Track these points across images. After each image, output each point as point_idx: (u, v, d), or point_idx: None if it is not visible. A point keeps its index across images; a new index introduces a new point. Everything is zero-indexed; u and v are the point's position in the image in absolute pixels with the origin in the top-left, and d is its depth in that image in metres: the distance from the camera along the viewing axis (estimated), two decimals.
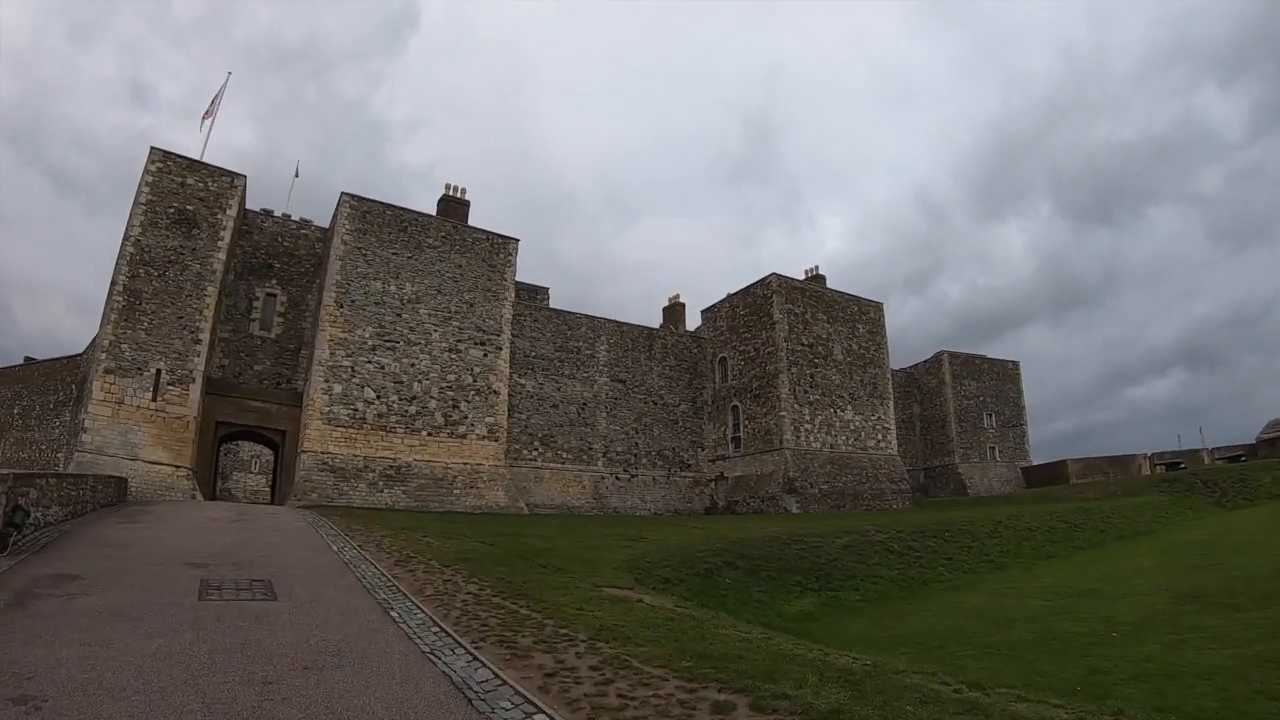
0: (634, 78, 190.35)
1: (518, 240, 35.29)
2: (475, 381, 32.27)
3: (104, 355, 25.83)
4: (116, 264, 27.06)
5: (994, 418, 66.71)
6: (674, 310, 48.59)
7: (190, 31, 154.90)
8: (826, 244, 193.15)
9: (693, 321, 48.42)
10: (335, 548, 12.61)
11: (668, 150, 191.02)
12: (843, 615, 17.72)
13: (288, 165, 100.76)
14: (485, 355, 32.84)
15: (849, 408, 43.80)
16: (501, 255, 34.56)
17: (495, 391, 32.73)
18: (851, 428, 43.56)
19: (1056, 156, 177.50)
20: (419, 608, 8.06)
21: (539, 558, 13.32)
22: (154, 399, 26.20)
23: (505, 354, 33.52)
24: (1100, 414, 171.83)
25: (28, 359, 47.18)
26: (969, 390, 65.73)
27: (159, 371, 26.55)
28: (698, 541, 19.93)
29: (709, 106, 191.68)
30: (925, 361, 67.66)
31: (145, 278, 27.17)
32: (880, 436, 45.06)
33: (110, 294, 26.66)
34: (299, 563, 10.77)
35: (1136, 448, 79.52)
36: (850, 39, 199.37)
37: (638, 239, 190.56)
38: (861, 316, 46.61)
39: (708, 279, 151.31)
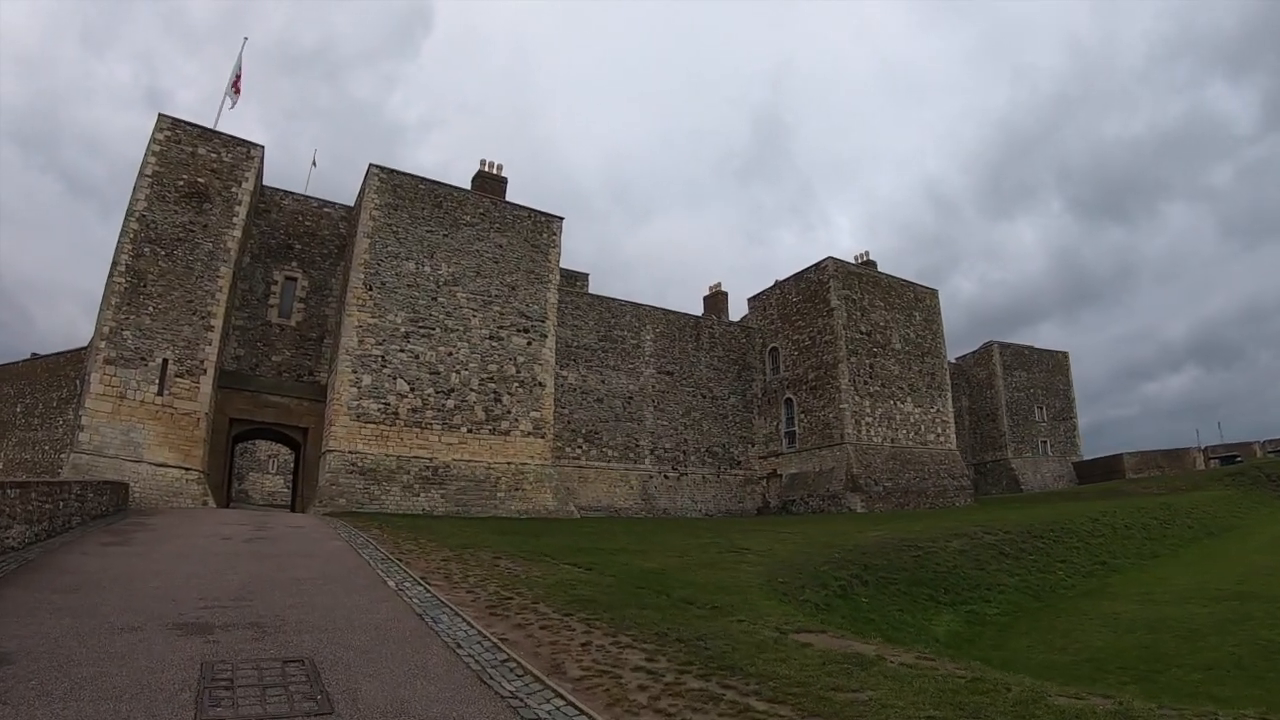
0: (642, 75, 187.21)
1: (562, 218, 31.74)
2: (519, 372, 28.82)
3: (103, 344, 22.50)
4: (118, 242, 23.75)
5: (1044, 410, 63.93)
6: (715, 299, 45.31)
7: (204, 37, 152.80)
8: (837, 241, 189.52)
9: (735, 312, 45.15)
10: (392, 583, 9.18)
11: (676, 148, 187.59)
12: (995, 634, 15.74)
13: (301, 168, 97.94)
14: (529, 343, 29.37)
15: (908, 400, 40.83)
16: (545, 235, 31.08)
17: (540, 383, 29.25)
18: (911, 421, 40.66)
19: (1066, 151, 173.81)
20: (587, 716, 4.65)
21: (664, 587, 9.92)
22: (160, 393, 22.93)
23: (551, 342, 30.02)
24: (1114, 410, 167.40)
25: (34, 355, 44.24)
26: (1019, 381, 62.92)
27: (165, 362, 23.29)
28: (805, 551, 16.95)
29: (717, 104, 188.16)
30: (974, 352, 64.64)
31: (151, 257, 23.96)
32: (939, 430, 42.14)
33: (111, 275, 23.34)
34: (350, 617, 7.23)
35: (1148, 445, 76.06)
36: (858, 34, 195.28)
37: (647, 237, 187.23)
38: (918, 304, 43.81)
39: (718, 277, 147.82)
